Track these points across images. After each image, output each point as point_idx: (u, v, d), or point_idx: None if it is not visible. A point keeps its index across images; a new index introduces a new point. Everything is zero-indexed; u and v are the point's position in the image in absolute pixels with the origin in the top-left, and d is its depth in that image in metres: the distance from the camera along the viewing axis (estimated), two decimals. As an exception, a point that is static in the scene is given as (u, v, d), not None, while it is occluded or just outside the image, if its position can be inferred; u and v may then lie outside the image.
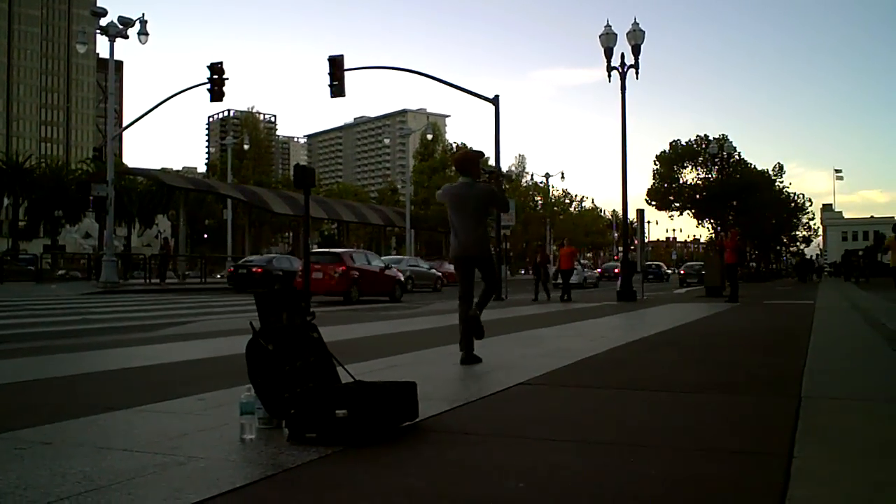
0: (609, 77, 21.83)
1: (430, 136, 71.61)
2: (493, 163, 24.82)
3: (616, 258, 67.58)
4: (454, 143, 79.43)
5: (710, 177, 57.84)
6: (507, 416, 4.40)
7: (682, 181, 58.39)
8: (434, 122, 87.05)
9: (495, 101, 24.59)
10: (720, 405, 4.83)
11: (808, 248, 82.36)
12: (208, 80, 26.44)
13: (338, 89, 24.01)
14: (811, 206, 71.08)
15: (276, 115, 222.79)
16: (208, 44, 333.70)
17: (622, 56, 21.82)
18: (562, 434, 3.90)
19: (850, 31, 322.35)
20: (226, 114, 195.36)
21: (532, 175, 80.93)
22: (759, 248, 67.65)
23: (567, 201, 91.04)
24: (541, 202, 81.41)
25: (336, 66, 24.04)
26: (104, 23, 28.03)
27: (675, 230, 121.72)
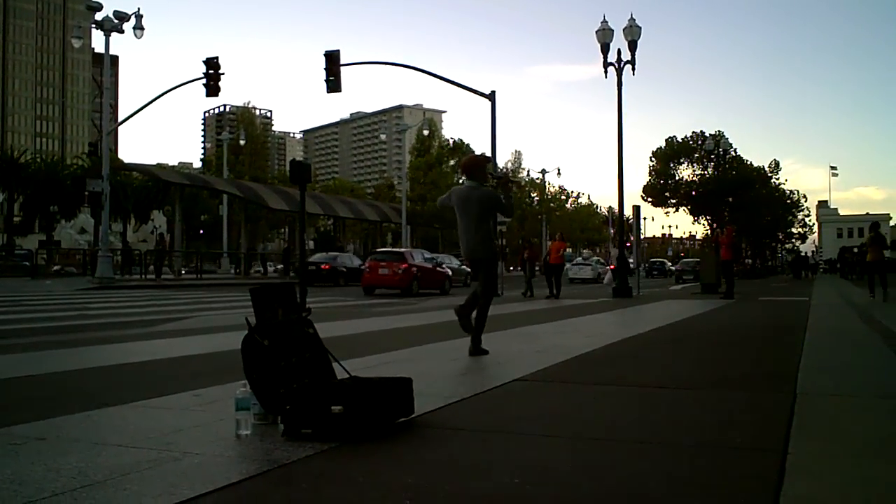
0: (605, 73, 21.84)
1: (427, 132, 71.76)
2: (485, 154, 24.80)
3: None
4: (450, 138, 79.48)
5: (706, 173, 58.00)
6: (502, 413, 4.40)
7: (678, 177, 58.55)
8: (430, 118, 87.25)
9: (492, 96, 24.57)
10: (715, 401, 4.84)
11: (803, 245, 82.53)
12: (204, 75, 26.32)
13: (334, 85, 23.94)
14: (806, 202, 71.38)
15: (272, 111, 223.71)
16: (204, 39, 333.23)
17: (619, 52, 21.83)
18: (557, 430, 3.91)
19: (847, 27, 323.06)
20: (222, 109, 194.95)
21: (528, 171, 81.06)
22: (755, 245, 67.80)
23: (563, 197, 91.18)
24: (537, 198, 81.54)
25: (332, 61, 23.97)
26: (99, 17, 27.92)
27: (671, 226, 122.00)
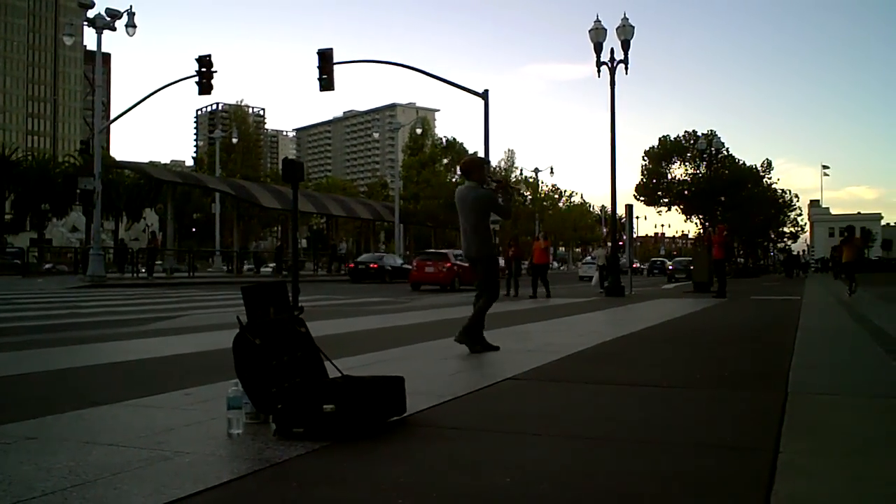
0: (598, 72, 21.81)
1: (420, 131, 71.63)
2: (482, 156, 24.83)
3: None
4: (444, 137, 79.39)
5: (698, 172, 58.19)
6: (494, 412, 4.40)
7: (670, 177, 58.73)
8: (423, 117, 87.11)
9: (485, 95, 24.61)
10: (707, 400, 4.85)
11: (795, 244, 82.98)
12: (196, 73, 26.24)
13: (327, 83, 23.92)
14: (798, 202, 71.71)
15: (265, 109, 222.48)
16: (197, 36, 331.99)
17: (612, 51, 21.82)
18: (549, 429, 3.91)
19: (839, 27, 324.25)
20: (214, 107, 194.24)
21: (521, 170, 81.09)
22: (747, 244, 68.07)
23: (556, 196, 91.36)
24: (530, 197, 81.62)
25: (325, 59, 23.94)
26: (91, 14, 27.78)
27: (663, 225, 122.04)
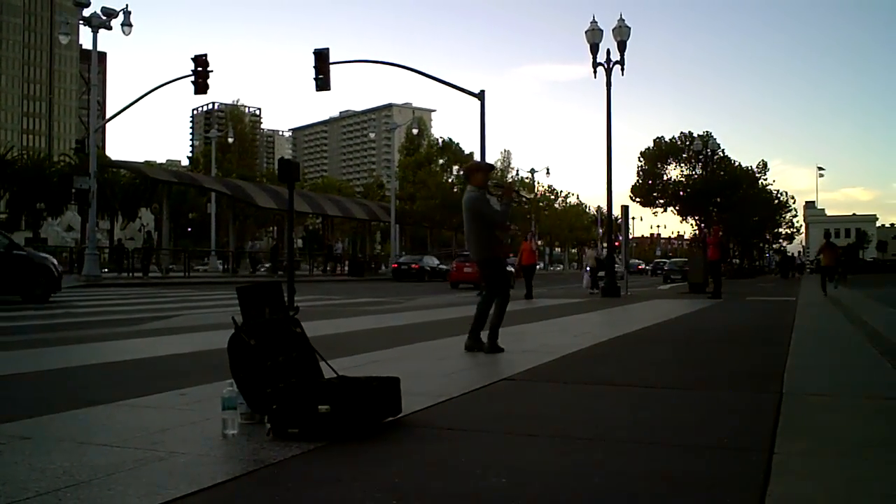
0: (595, 73, 21.86)
1: (416, 131, 71.52)
2: (479, 157, 24.83)
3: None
4: (440, 137, 79.27)
5: (694, 173, 58.23)
6: (489, 412, 4.40)
7: (666, 178, 58.75)
8: (420, 117, 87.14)
9: (481, 95, 24.59)
10: (702, 401, 4.86)
11: (790, 245, 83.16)
12: (192, 73, 26.17)
13: (323, 83, 23.89)
14: (794, 203, 71.89)
15: (261, 109, 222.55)
16: (193, 36, 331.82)
17: (608, 52, 21.86)
18: (544, 430, 3.91)
19: (835, 28, 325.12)
20: (210, 107, 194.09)
21: (518, 171, 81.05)
22: (743, 245, 68.20)
23: (552, 197, 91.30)
24: (529, 198, 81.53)
25: (321, 59, 23.92)
26: (87, 13, 27.68)
27: (659, 226, 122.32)
